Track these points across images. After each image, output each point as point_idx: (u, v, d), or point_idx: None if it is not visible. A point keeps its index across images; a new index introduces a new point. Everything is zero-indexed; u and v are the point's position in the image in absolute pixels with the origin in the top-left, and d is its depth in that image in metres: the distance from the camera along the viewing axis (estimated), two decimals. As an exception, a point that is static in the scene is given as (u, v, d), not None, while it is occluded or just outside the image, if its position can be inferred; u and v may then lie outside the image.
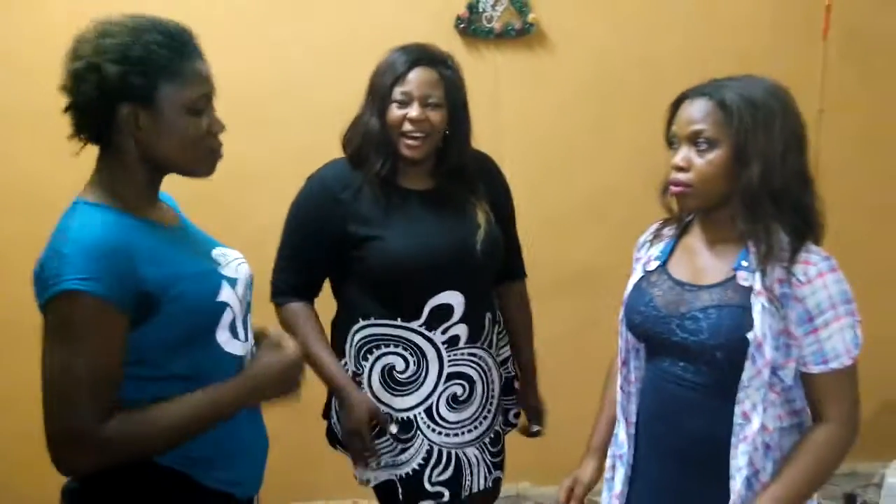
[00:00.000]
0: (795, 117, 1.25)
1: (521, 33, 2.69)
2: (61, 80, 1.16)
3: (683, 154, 1.25)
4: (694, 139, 1.24)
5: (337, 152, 1.78)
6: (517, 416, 1.90)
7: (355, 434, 1.63)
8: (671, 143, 1.29)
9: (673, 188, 1.27)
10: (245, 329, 1.27)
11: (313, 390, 1.74)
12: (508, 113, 2.73)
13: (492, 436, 1.78)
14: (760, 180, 1.20)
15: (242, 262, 1.32)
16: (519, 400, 1.91)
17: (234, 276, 1.25)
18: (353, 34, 2.62)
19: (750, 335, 1.19)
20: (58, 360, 1.07)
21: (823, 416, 1.23)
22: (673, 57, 2.74)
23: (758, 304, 1.19)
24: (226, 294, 1.21)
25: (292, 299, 1.68)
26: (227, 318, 1.21)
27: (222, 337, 1.20)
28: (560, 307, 1.98)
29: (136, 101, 1.13)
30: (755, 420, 1.20)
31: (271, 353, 1.24)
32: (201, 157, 1.20)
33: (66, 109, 1.17)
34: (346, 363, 1.70)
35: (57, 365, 1.07)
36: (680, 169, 1.25)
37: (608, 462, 1.47)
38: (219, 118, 1.22)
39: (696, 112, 1.24)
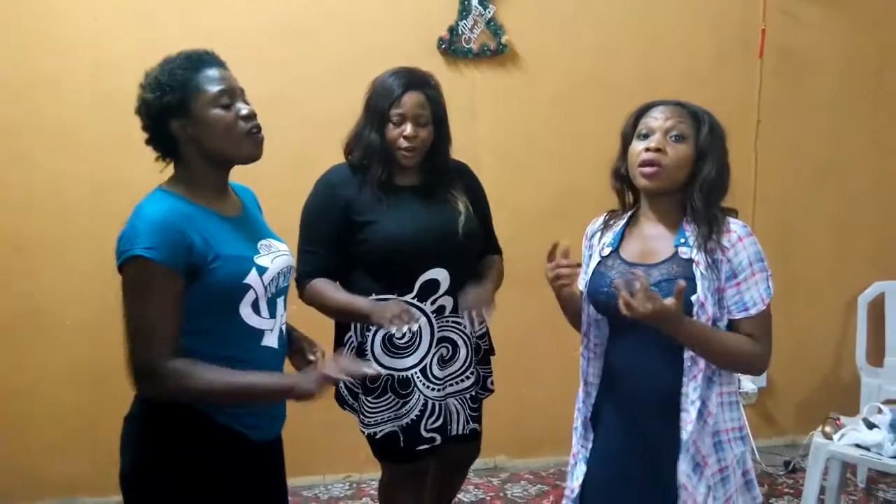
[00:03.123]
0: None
1: (496, 53, 2.93)
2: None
3: (659, 138, 1.46)
4: (668, 132, 1.47)
5: (328, 157, 2.02)
6: (493, 383, 2.14)
7: (394, 309, 1.76)
8: (640, 134, 1.50)
9: (646, 169, 1.47)
10: (271, 308, 1.47)
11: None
12: (485, 123, 2.97)
13: (472, 393, 2.05)
14: (715, 177, 1.48)
15: (281, 255, 1.52)
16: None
17: (266, 266, 1.45)
18: (346, 52, 2.83)
19: (693, 297, 1.43)
20: (131, 310, 1.35)
21: None
22: (627, 75, 3.00)
23: (698, 272, 1.44)
24: (252, 278, 1.42)
25: (312, 279, 1.92)
26: (250, 297, 1.42)
27: (245, 311, 1.42)
28: (531, 298, 2.13)
29: (178, 115, 1.41)
30: (701, 361, 1.46)
31: (309, 379, 1.42)
32: (240, 140, 1.42)
33: (147, 142, 1.45)
34: (351, 335, 1.95)
35: (130, 313, 1.35)
36: (657, 150, 1.45)
37: (574, 414, 1.68)
38: (246, 104, 1.45)
39: (672, 112, 1.50)
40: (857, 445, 2.30)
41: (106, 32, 2.72)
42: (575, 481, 1.63)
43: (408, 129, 1.87)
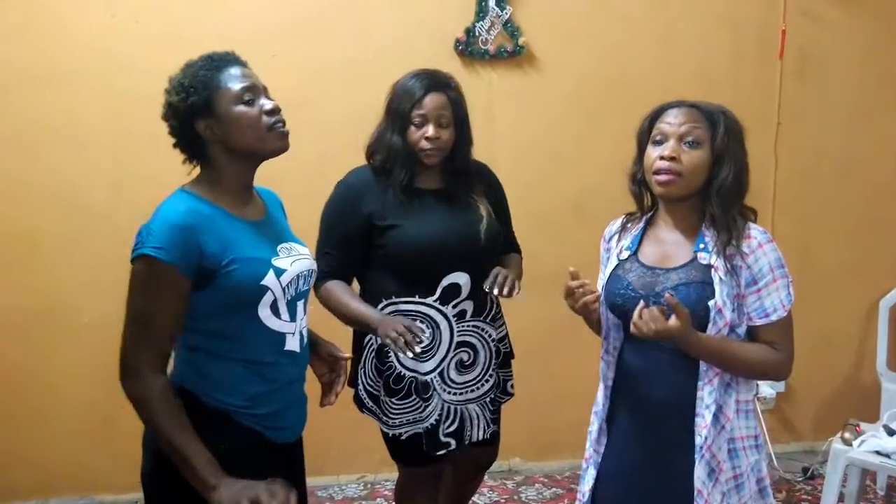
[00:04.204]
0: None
1: (513, 55, 2.92)
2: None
3: (673, 146, 1.44)
4: (683, 138, 1.45)
5: (343, 158, 2.01)
6: (513, 387, 2.12)
7: (399, 327, 1.74)
8: (655, 140, 1.48)
9: (661, 177, 1.45)
10: (291, 311, 1.47)
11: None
12: (501, 124, 2.96)
13: (492, 397, 2.04)
14: (734, 179, 1.46)
15: (302, 259, 1.52)
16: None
17: (284, 268, 1.45)
18: (364, 54, 2.83)
19: (711, 303, 1.42)
20: (131, 305, 1.36)
21: None
22: (643, 76, 2.98)
23: (717, 277, 1.43)
24: (269, 280, 1.41)
25: (328, 282, 1.92)
26: (268, 299, 1.42)
27: (263, 313, 1.42)
28: (547, 299, 2.12)
29: (203, 115, 1.42)
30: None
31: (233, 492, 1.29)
32: (265, 135, 1.44)
33: (175, 146, 1.47)
34: (371, 337, 1.94)
35: (130, 308, 1.36)
36: (672, 159, 1.43)
37: (591, 418, 1.67)
38: (269, 100, 1.46)
39: (686, 116, 1.47)
40: (878, 452, 2.27)
41: (122, 30, 2.74)
42: (586, 485, 1.62)
43: (430, 130, 1.87)
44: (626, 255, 1.58)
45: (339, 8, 2.86)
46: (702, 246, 1.48)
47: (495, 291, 1.85)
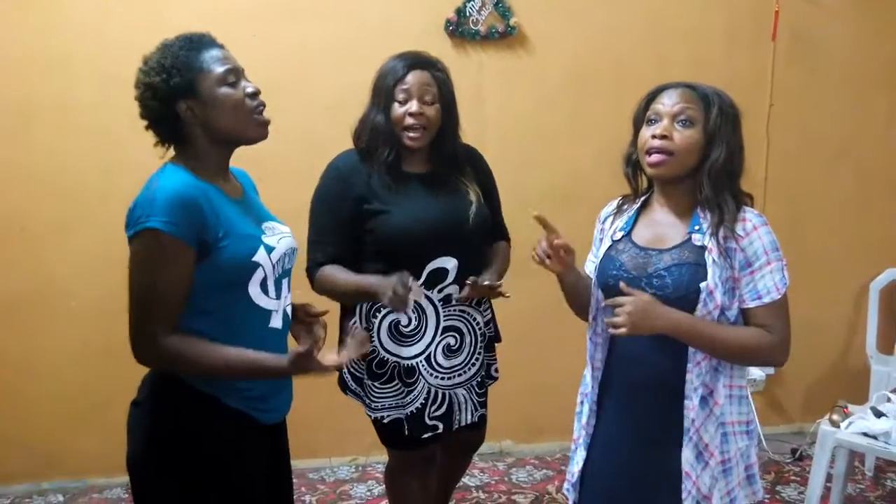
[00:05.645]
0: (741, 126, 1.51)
1: (504, 35, 2.89)
2: (139, 111, 1.43)
3: (665, 125, 1.45)
4: (676, 117, 1.44)
5: (333, 139, 1.99)
6: (497, 370, 2.12)
7: (396, 284, 1.70)
8: (649, 120, 1.48)
9: (654, 157, 1.44)
10: (277, 289, 1.50)
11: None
12: (491, 106, 2.94)
13: (478, 380, 2.04)
14: (725, 161, 1.45)
15: (285, 237, 1.53)
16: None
17: (273, 245, 1.46)
18: (353, 35, 2.80)
19: (703, 284, 1.41)
20: (138, 281, 1.35)
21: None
22: (636, 58, 2.96)
23: (710, 259, 1.42)
24: (260, 256, 1.42)
25: (322, 267, 1.90)
26: (258, 276, 1.43)
27: (253, 291, 1.43)
28: (537, 283, 2.12)
29: (185, 96, 1.40)
30: None
31: (306, 359, 1.38)
32: (247, 118, 1.43)
33: (147, 128, 1.45)
34: (355, 321, 1.92)
35: (137, 284, 1.35)
36: (663, 137, 1.43)
37: (577, 399, 1.68)
38: (249, 83, 1.45)
39: (681, 97, 1.46)
40: (865, 434, 2.28)
41: (113, 13, 2.71)
42: (575, 466, 1.63)
43: (413, 105, 1.84)
44: (619, 235, 1.58)
45: (326, -13, 2.82)
46: (696, 227, 1.47)
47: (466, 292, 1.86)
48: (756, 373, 3.25)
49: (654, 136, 1.46)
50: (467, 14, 2.86)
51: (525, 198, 2.97)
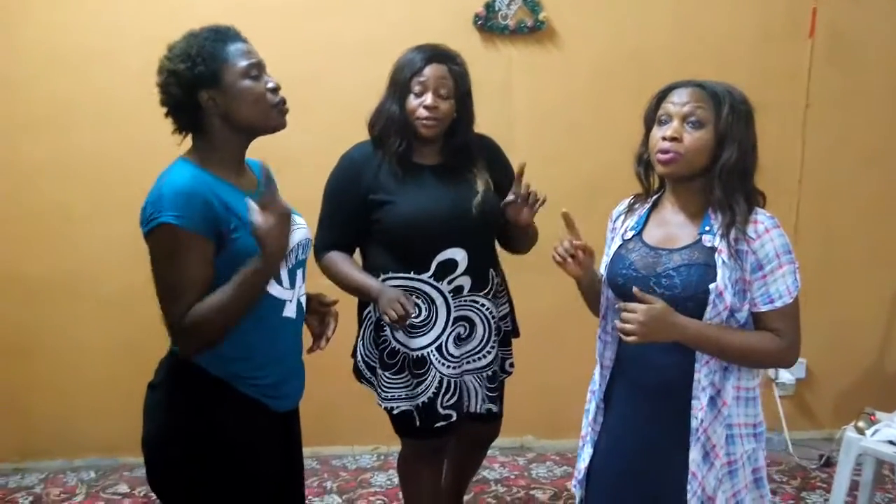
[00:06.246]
0: (754, 122, 1.49)
1: (533, 30, 2.88)
2: (159, 97, 1.46)
3: (675, 127, 1.43)
4: (686, 118, 1.43)
5: (357, 134, 2.01)
6: (512, 365, 2.12)
7: (395, 301, 1.77)
8: (660, 120, 1.47)
9: (663, 156, 1.43)
10: (291, 279, 1.51)
11: (337, 357, 1.97)
12: (520, 100, 2.94)
13: (490, 373, 2.03)
14: (737, 161, 1.42)
15: (300, 228, 1.55)
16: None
17: None
18: (380, 28, 2.81)
19: (712, 286, 1.40)
20: (161, 275, 1.37)
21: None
22: (666, 53, 2.91)
23: (720, 260, 1.41)
24: None
25: (329, 252, 1.94)
26: None
27: None
28: (562, 278, 2.11)
29: (208, 86, 1.43)
30: None
31: (269, 219, 1.33)
32: (268, 110, 1.47)
33: (167, 115, 1.48)
34: (369, 311, 1.96)
35: (160, 278, 1.38)
36: (673, 139, 1.42)
37: (587, 396, 1.69)
38: (272, 78, 1.48)
39: (690, 96, 1.44)
40: (891, 442, 2.23)
41: (146, 10, 2.78)
42: (582, 462, 1.63)
43: (428, 98, 1.85)
44: (630, 234, 1.57)
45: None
46: (707, 228, 1.46)
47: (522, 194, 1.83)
48: (785, 376, 3.20)
49: (664, 138, 1.44)
50: (496, 9, 2.86)
51: (553, 191, 2.97)
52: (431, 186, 1.91)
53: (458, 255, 1.90)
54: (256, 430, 1.49)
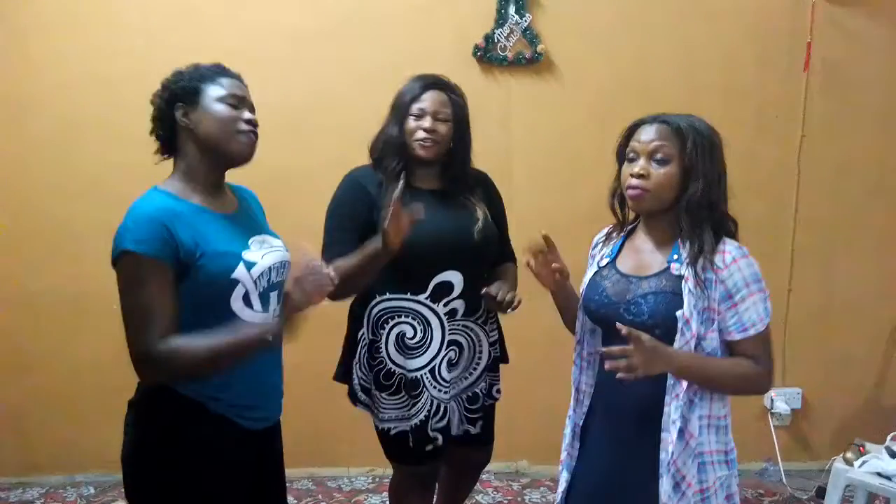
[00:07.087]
0: (722, 151, 1.53)
1: (531, 61, 2.93)
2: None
3: (642, 164, 1.48)
4: (652, 155, 1.48)
5: (362, 161, 2.06)
6: (499, 391, 2.15)
7: (391, 216, 1.74)
8: (628, 157, 1.52)
9: (632, 192, 1.48)
10: (264, 303, 1.51)
11: (333, 380, 2.02)
12: (518, 130, 2.98)
13: (470, 395, 2.07)
14: (702, 194, 1.46)
15: (274, 251, 1.56)
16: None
17: (254, 261, 1.48)
18: (382, 59, 2.88)
19: (678, 313, 1.43)
20: (126, 302, 1.40)
21: None
22: (664, 86, 2.96)
23: (686, 289, 1.44)
24: (239, 273, 1.45)
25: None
26: (239, 291, 1.46)
27: (236, 305, 1.46)
28: (553, 304, 2.15)
29: (185, 101, 1.50)
30: (683, 381, 1.45)
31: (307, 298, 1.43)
32: (233, 133, 1.49)
33: (151, 132, 1.56)
34: (363, 332, 1.99)
35: (125, 305, 1.40)
36: (640, 176, 1.47)
37: (566, 422, 1.72)
38: (251, 114, 1.52)
39: (656, 133, 1.49)
40: (879, 474, 2.23)
41: (157, 37, 2.87)
42: (560, 487, 1.66)
43: (426, 121, 1.92)
44: (605, 262, 1.62)
45: (359, 13, 2.92)
46: (675, 257, 1.50)
47: (493, 291, 1.89)
48: (781, 406, 3.21)
49: (632, 175, 1.49)
50: (495, 40, 2.92)
51: (551, 222, 3.00)
52: (431, 209, 1.93)
53: (455, 277, 1.94)
54: (228, 449, 1.51)
